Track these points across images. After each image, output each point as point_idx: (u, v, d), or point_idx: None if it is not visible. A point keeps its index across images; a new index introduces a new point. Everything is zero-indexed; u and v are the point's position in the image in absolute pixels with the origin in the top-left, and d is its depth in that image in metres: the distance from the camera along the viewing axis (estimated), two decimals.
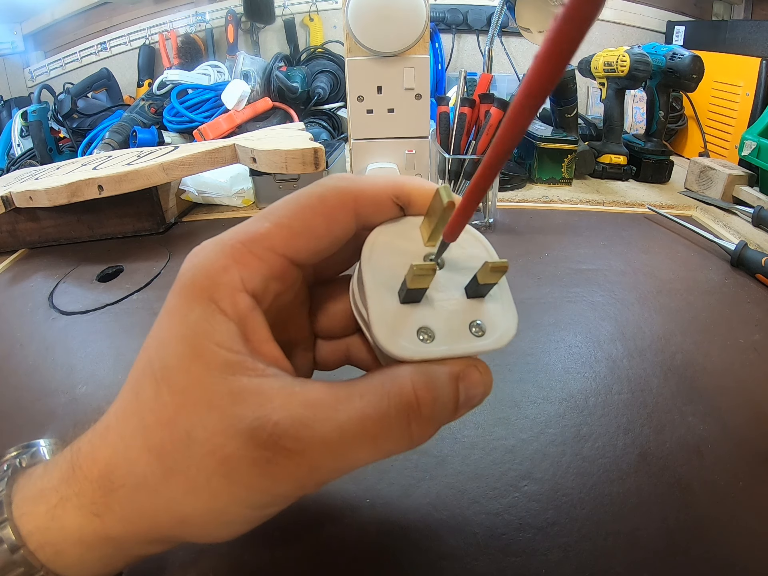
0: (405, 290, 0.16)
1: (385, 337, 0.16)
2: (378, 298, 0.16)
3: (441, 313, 0.17)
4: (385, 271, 0.17)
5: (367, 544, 0.23)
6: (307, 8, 1.16)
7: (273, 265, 0.17)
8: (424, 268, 0.15)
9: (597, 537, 0.23)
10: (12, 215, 0.58)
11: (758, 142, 0.64)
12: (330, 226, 0.17)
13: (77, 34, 1.23)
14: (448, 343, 0.16)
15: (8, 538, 0.16)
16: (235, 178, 0.68)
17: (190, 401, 0.15)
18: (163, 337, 0.16)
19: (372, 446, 0.15)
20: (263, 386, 0.15)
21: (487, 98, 0.58)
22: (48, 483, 0.17)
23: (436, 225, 0.17)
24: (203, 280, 0.16)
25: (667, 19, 1.07)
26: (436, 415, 0.15)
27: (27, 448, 0.21)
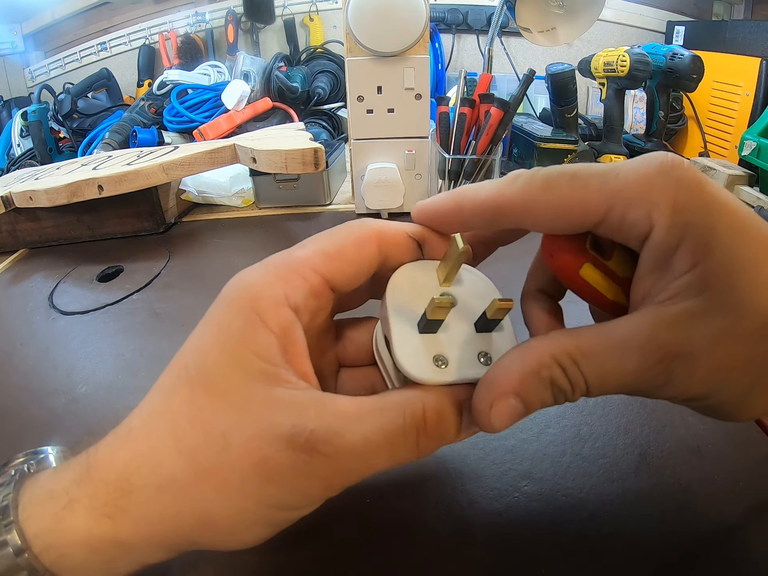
0: (425, 321, 0.19)
1: (407, 362, 0.18)
2: (400, 328, 0.19)
3: (454, 343, 0.19)
4: (406, 305, 0.20)
5: (367, 544, 0.23)
6: (307, 8, 1.16)
7: (313, 283, 0.18)
8: (443, 302, 0.18)
9: (597, 537, 0.23)
10: (12, 215, 0.58)
11: (758, 142, 0.64)
12: (359, 253, 0.19)
13: (77, 34, 1.23)
14: (459, 370, 0.18)
15: (13, 541, 0.16)
16: (235, 178, 0.68)
17: (227, 405, 0.16)
18: (202, 345, 0.17)
19: (389, 454, 0.17)
20: (297, 397, 0.16)
21: (487, 98, 0.58)
22: (58, 485, 0.17)
23: (451, 268, 0.20)
24: (248, 294, 0.17)
25: (667, 19, 1.07)
26: (440, 433, 0.18)
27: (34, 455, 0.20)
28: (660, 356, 0.16)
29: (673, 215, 0.16)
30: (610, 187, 0.17)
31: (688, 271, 0.16)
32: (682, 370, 0.16)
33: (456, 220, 0.20)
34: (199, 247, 0.56)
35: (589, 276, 0.19)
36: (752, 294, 0.15)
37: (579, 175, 0.17)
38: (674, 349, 0.16)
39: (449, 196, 0.20)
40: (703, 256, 0.16)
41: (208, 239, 0.58)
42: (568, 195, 0.17)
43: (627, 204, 0.16)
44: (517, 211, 0.18)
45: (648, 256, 0.17)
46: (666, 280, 0.16)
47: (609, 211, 0.17)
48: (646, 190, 0.16)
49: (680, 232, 0.16)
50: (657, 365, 0.16)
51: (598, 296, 0.19)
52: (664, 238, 0.16)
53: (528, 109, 1.02)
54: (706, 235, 0.16)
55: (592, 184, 0.17)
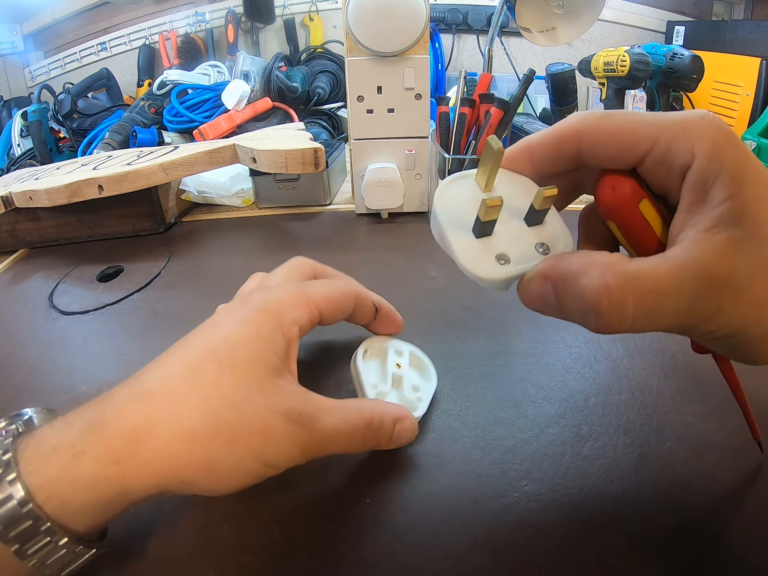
0: (479, 224, 0.20)
1: (472, 266, 0.20)
2: (458, 237, 0.21)
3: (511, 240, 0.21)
4: (457, 216, 0.21)
5: (367, 544, 0.23)
6: (307, 8, 1.16)
7: (314, 315, 0.26)
8: (494, 201, 0.19)
9: (597, 537, 0.23)
10: (12, 215, 0.58)
11: (758, 142, 0.64)
12: (344, 304, 0.28)
13: (77, 34, 1.23)
14: (522, 262, 0.20)
15: (18, 493, 0.18)
16: (235, 178, 0.68)
17: (247, 385, 0.21)
18: (234, 337, 0.22)
19: (345, 441, 0.23)
20: (293, 388, 0.23)
21: (487, 98, 0.58)
22: (61, 440, 0.19)
23: (490, 172, 0.21)
24: (276, 308, 0.24)
25: (667, 19, 1.07)
26: (378, 435, 0.24)
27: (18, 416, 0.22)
28: (713, 283, 0.17)
29: (713, 149, 0.18)
30: (659, 122, 0.19)
31: (727, 201, 0.17)
32: (730, 299, 0.17)
33: (527, 163, 0.22)
34: (199, 247, 0.56)
35: (647, 211, 0.20)
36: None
37: (633, 111, 0.19)
38: (725, 277, 0.17)
39: (517, 144, 0.22)
40: (738, 188, 0.17)
41: (208, 239, 0.58)
42: (622, 124, 0.20)
43: (673, 136, 0.19)
44: (576, 141, 0.20)
45: (689, 186, 0.18)
46: (706, 211, 0.18)
47: (656, 142, 0.19)
48: (690, 128, 0.18)
49: (718, 165, 0.18)
50: (710, 292, 0.17)
51: (649, 234, 0.20)
52: (705, 167, 0.18)
53: (528, 109, 1.02)
54: (740, 170, 0.17)
55: (643, 118, 0.19)
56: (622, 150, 0.20)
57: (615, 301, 0.17)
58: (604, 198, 0.21)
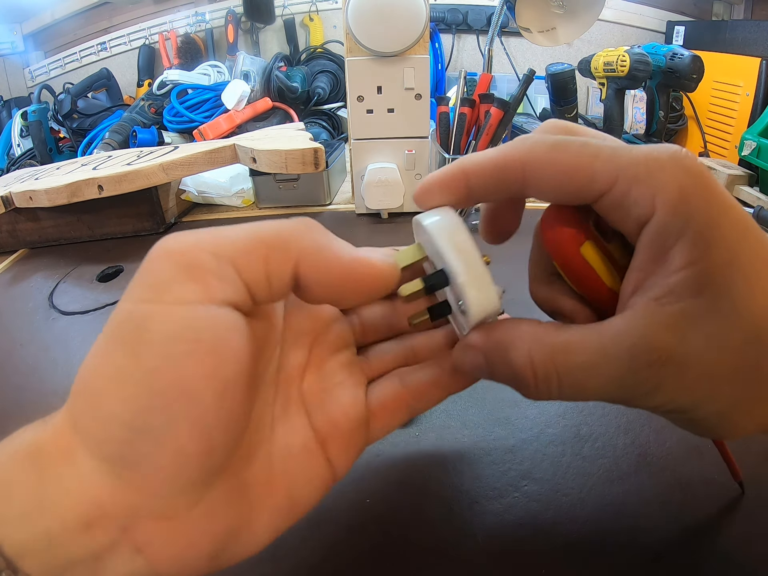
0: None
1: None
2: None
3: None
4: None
5: (367, 544, 0.23)
6: (307, 8, 1.16)
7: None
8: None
9: (597, 537, 0.23)
10: (12, 215, 0.58)
11: (758, 142, 0.64)
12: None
13: (77, 34, 1.23)
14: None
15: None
16: (235, 178, 0.68)
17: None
18: None
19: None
20: None
21: (487, 98, 0.58)
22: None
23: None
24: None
25: (667, 19, 1.07)
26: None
27: None
28: (651, 359, 0.15)
29: (679, 202, 0.15)
30: (620, 160, 0.16)
31: (687, 267, 0.15)
32: (672, 377, 0.15)
33: (462, 190, 0.19)
34: None
35: (590, 256, 0.18)
36: (748, 300, 0.15)
37: (590, 144, 0.17)
38: (667, 353, 0.15)
39: (452, 165, 0.19)
40: (704, 253, 0.15)
41: None
42: (576, 158, 0.17)
43: (633, 180, 0.16)
44: (522, 172, 0.17)
45: (645, 243, 0.16)
46: (662, 274, 0.16)
47: (614, 184, 0.16)
48: (655, 171, 0.16)
49: (682, 223, 0.15)
50: (647, 369, 0.15)
51: (595, 281, 0.18)
52: (666, 224, 0.15)
53: (528, 109, 1.02)
54: (709, 230, 0.15)
55: (602, 153, 0.16)
56: (573, 189, 0.17)
57: (540, 375, 0.17)
58: (542, 236, 0.19)
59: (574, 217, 0.18)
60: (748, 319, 0.15)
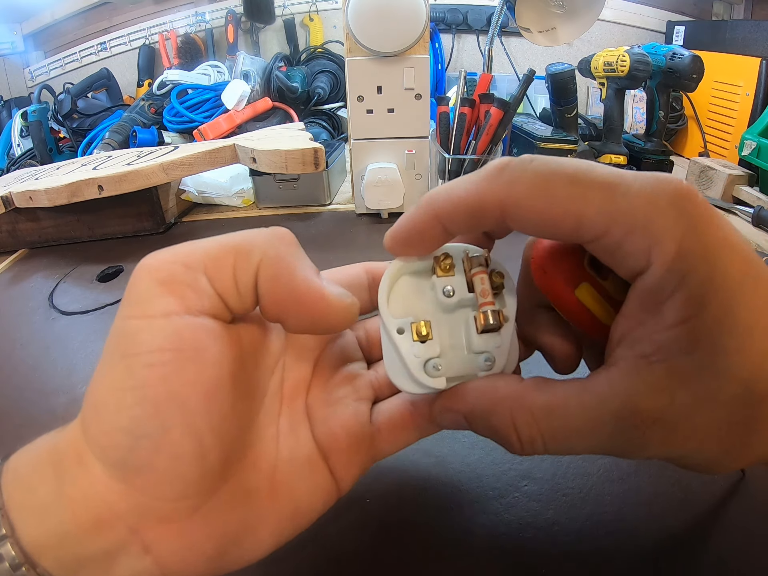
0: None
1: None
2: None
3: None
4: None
5: (368, 544, 0.23)
6: (307, 8, 1.16)
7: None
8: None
9: (597, 537, 0.23)
10: (12, 215, 0.58)
11: (758, 142, 0.64)
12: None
13: (77, 34, 1.23)
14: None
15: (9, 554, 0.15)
16: (235, 178, 0.68)
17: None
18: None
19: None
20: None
21: (487, 98, 0.58)
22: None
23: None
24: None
25: (667, 19, 1.07)
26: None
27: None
28: (637, 422, 0.15)
29: (675, 259, 0.14)
30: (612, 208, 0.15)
31: (679, 325, 0.14)
32: (659, 436, 0.15)
33: (435, 237, 0.18)
34: None
35: (586, 298, 0.17)
36: (740, 356, 0.14)
37: (579, 181, 0.15)
38: (653, 415, 0.15)
39: (422, 209, 0.17)
40: (698, 311, 0.14)
41: None
42: (562, 203, 0.15)
43: (627, 231, 0.14)
44: (500, 212, 0.16)
45: (637, 295, 0.15)
46: (652, 328, 0.15)
47: (606, 233, 0.15)
48: (652, 221, 0.14)
49: (678, 280, 0.14)
50: (633, 430, 0.15)
51: (591, 320, 0.17)
52: (660, 281, 0.14)
53: (528, 109, 1.02)
54: (705, 286, 0.14)
55: (592, 198, 0.15)
56: (559, 234, 0.16)
57: (525, 439, 0.16)
58: (533, 274, 0.18)
59: (566, 255, 0.17)
60: (739, 375, 0.14)
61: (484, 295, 0.18)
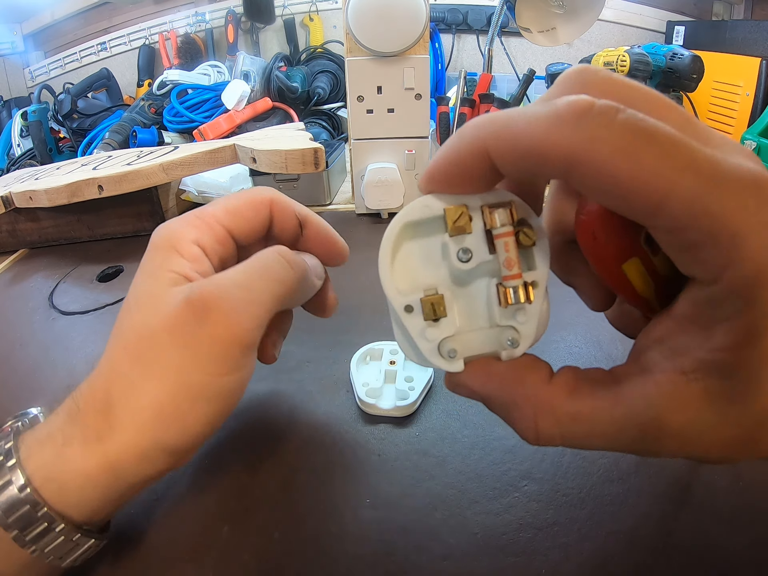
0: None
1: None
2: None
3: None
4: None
5: (367, 544, 0.23)
6: (307, 8, 1.16)
7: (217, 231, 0.23)
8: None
9: (597, 537, 0.23)
10: (12, 215, 0.58)
11: (758, 142, 0.64)
12: (255, 213, 0.24)
13: (77, 34, 1.23)
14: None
15: (17, 479, 0.18)
16: (235, 178, 0.68)
17: (143, 303, 0.21)
18: (135, 291, 0.22)
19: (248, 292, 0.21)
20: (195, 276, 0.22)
21: (487, 98, 0.58)
22: (54, 427, 0.20)
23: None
24: (168, 235, 0.23)
25: (667, 19, 1.07)
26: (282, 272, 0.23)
27: (23, 415, 0.23)
28: (660, 434, 0.15)
29: (748, 285, 0.12)
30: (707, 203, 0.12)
31: (728, 351, 0.13)
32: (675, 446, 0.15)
33: (483, 173, 0.15)
34: None
35: (632, 273, 0.16)
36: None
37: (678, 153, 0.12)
38: (677, 429, 0.14)
39: (464, 139, 0.14)
40: (753, 342, 0.13)
41: None
42: (650, 179, 0.12)
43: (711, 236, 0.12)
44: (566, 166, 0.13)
45: (692, 302, 0.14)
46: (698, 344, 0.14)
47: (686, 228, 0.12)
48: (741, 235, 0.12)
49: (743, 305, 0.12)
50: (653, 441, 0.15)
51: (630, 291, 0.16)
52: (724, 301, 0.13)
53: None
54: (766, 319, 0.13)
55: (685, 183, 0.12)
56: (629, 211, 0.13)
57: (543, 437, 0.16)
58: (580, 240, 0.16)
59: (624, 226, 0.15)
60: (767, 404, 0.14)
61: (508, 266, 0.15)
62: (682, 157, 0.12)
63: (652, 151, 0.12)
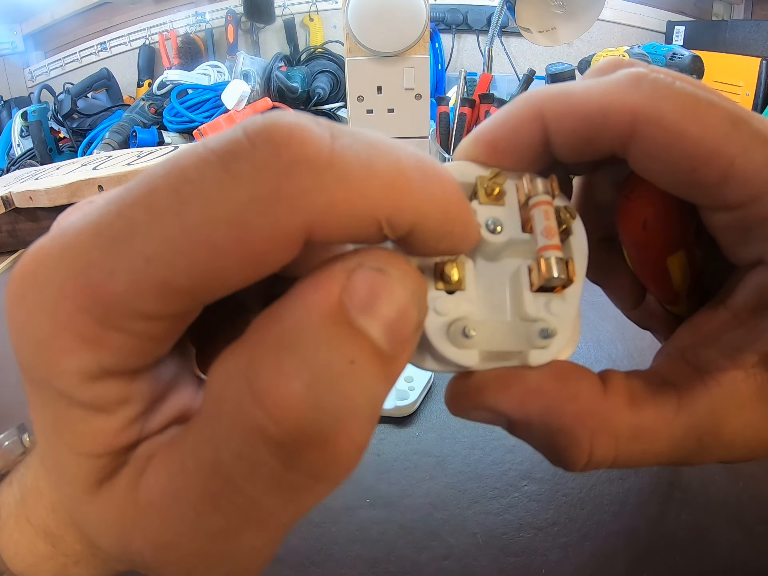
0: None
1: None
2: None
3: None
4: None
5: (367, 544, 0.23)
6: (307, 8, 1.16)
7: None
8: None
9: (597, 537, 0.23)
10: (12, 215, 0.58)
11: None
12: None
13: (77, 34, 1.23)
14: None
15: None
16: None
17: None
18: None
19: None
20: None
21: (487, 98, 0.58)
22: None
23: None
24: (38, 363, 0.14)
25: (667, 19, 1.07)
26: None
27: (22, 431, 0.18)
28: (712, 444, 0.13)
29: None
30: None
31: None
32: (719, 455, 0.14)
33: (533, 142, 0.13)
34: None
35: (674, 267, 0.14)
36: None
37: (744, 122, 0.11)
38: (730, 437, 0.13)
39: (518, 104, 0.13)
40: None
41: None
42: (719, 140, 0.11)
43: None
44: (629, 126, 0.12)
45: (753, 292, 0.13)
46: (756, 335, 0.13)
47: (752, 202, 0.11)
48: None
49: None
50: (705, 452, 0.14)
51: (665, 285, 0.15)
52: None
53: None
54: None
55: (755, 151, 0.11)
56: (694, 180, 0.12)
57: (594, 463, 0.13)
58: (625, 228, 0.14)
59: (680, 213, 0.13)
60: None
61: (548, 235, 0.12)
62: (747, 125, 0.11)
63: (717, 114, 0.11)
